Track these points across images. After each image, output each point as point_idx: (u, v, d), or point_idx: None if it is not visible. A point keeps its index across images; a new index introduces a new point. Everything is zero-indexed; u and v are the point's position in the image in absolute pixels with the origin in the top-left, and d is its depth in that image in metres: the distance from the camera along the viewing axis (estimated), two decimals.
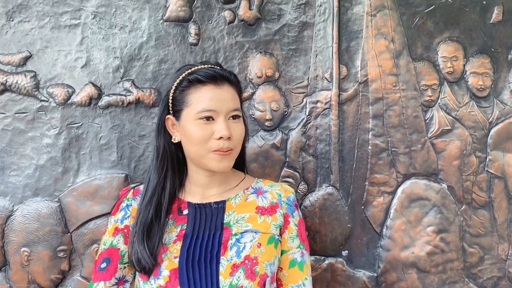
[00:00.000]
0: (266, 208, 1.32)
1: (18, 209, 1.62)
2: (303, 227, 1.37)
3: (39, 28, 1.63)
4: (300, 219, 1.36)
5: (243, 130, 1.30)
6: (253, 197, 1.34)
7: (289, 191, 1.37)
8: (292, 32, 1.69)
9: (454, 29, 1.72)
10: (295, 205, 1.36)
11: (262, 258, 1.23)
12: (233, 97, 1.27)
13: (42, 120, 1.63)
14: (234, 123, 1.26)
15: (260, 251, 1.24)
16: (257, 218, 1.29)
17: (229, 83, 1.28)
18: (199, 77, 1.24)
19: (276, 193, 1.36)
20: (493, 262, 1.73)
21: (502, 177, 1.73)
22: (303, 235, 1.35)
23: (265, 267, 1.22)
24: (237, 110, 1.27)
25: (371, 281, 1.71)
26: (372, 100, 1.70)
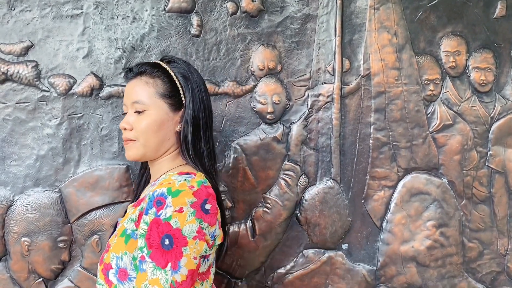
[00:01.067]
0: (139, 200, 1.26)
1: (19, 199, 1.61)
2: (159, 230, 1.11)
3: (41, 17, 1.62)
4: (156, 218, 1.12)
5: (147, 122, 1.24)
6: (148, 188, 1.31)
7: (165, 185, 1.16)
8: (295, 24, 1.68)
9: (457, 24, 1.72)
10: (157, 202, 1.13)
11: (112, 248, 1.20)
12: (136, 89, 1.27)
13: (43, 110, 1.62)
14: (137, 115, 1.26)
15: (113, 241, 1.22)
16: (130, 208, 1.28)
17: (139, 75, 1.28)
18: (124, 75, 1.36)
19: (156, 185, 1.22)
20: (492, 257, 1.74)
21: (502, 172, 1.74)
22: (154, 239, 1.11)
23: (111, 258, 1.18)
24: (136, 102, 1.25)
25: (371, 275, 1.71)
26: (374, 94, 1.69)
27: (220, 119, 1.67)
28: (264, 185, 1.68)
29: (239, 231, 1.67)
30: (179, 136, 1.28)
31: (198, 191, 1.16)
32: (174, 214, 1.11)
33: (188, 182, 1.17)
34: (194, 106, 1.27)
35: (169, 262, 1.10)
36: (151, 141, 1.25)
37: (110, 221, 1.61)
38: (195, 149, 1.27)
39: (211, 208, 1.17)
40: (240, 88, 1.67)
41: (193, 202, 1.14)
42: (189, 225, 1.12)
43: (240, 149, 1.67)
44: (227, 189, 1.67)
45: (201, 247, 1.14)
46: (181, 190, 1.14)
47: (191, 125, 1.26)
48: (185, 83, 1.27)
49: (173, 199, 1.12)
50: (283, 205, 1.68)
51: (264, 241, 1.68)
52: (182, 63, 1.31)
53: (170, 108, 1.26)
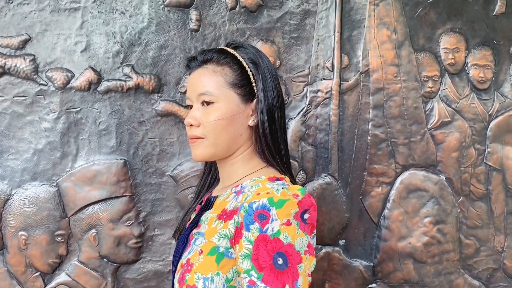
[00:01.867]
0: (228, 212, 1.06)
1: (16, 193, 1.61)
2: (268, 248, 0.97)
3: (39, 11, 1.61)
4: (262, 235, 0.97)
5: (217, 116, 1.08)
6: (232, 197, 1.10)
7: (263, 195, 1.00)
8: (294, 20, 1.67)
9: (456, 21, 1.71)
10: (259, 215, 0.98)
11: (197, 268, 1.03)
12: (202, 80, 1.11)
13: (41, 104, 1.62)
14: (204, 109, 1.10)
15: (198, 259, 1.04)
16: (214, 221, 1.08)
17: (205, 63, 1.13)
18: (187, 65, 1.19)
19: (247, 195, 1.04)
20: (489, 254, 1.75)
21: (500, 170, 1.74)
22: (264, 260, 0.97)
23: (196, 279, 1.02)
24: (203, 94, 1.10)
25: (368, 271, 1.72)
26: (373, 90, 1.69)
27: None
28: None
29: None
30: (251, 131, 1.12)
31: (302, 201, 1.01)
32: (283, 228, 0.97)
33: (287, 191, 1.01)
34: (268, 95, 1.11)
35: (287, 284, 0.96)
36: (222, 138, 1.09)
37: (108, 216, 1.61)
38: (274, 144, 1.12)
39: (309, 218, 1.02)
40: None
41: (296, 212, 0.99)
42: (300, 239, 0.98)
43: None
44: None
45: (311, 263, 1.02)
46: (285, 199, 0.99)
47: (266, 117, 1.10)
48: (256, 70, 1.11)
49: (278, 211, 0.97)
50: None
51: None
52: (250, 48, 1.15)
53: (241, 99, 1.10)
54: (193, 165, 1.65)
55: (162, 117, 1.65)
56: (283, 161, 1.14)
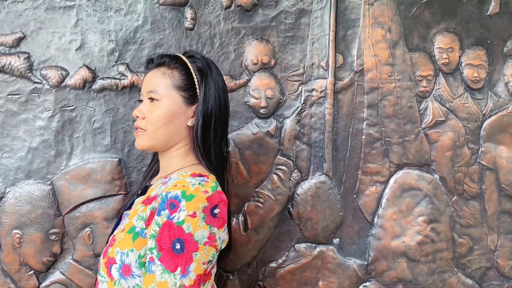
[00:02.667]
0: (150, 198, 1.22)
1: (10, 191, 1.61)
2: (171, 234, 1.11)
3: (33, 9, 1.61)
4: (168, 221, 1.11)
5: (158, 112, 1.24)
6: (159, 186, 1.25)
7: (179, 187, 1.15)
8: (289, 19, 1.68)
9: (451, 20, 1.72)
10: (170, 204, 1.12)
11: (117, 243, 1.18)
12: (153, 79, 1.27)
13: (35, 102, 1.61)
14: (150, 105, 1.26)
15: (119, 236, 1.20)
16: (138, 204, 1.24)
17: (159, 66, 1.30)
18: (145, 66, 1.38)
19: (169, 185, 1.20)
20: (482, 253, 1.76)
21: (493, 169, 1.75)
22: (165, 242, 1.10)
23: (115, 252, 1.17)
24: (151, 92, 1.26)
25: (361, 269, 1.72)
26: (367, 89, 1.70)
27: None
28: (257, 180, 1.69)
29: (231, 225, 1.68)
30: (191, 131, 1.27)
31: (211, 197, 1.16)
32: (187, 218, 1.11)
33: (202, 187, 1.16)
34: (208, 101, 1.26)
35: (179, 266, 1.10)
36: (160, 133, 1.25)
37: (102, 214, 1.61)
38: (204, 145, 1.26)
39: (220, 213, 1.16)
40: (234, 82, 1.67)
41: (205, 207, 1.13)
42: (201, 231, 1.12)
43: (233, 143, 1.67)
44: None
45: (209, 253, 1.14)
46: (195, 194, 1.14)
47: (202, 120, 1.25)
48: (201, 78, 1.26)
49: (187, 203, 1.12)
50: (276, 200, 1.69)
51: (256, 235, 1.69)
52: (202, 59, 1.30)
53: (184, 101, 1.26)
54: None
55: None
56: (211, 161, 1.26)
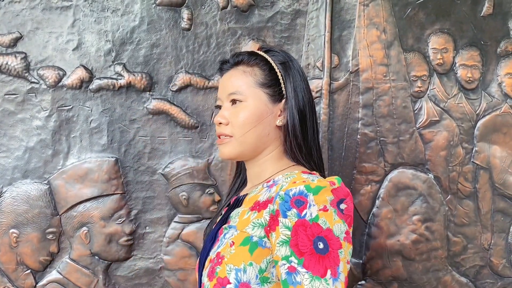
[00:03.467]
0: (261, 203, 1.06)
1: (7, 191, 1.61)
2: (308, 233, 0.96)
3: (30, 9, 1.61)
4: (300, 220, 0.97)
5: (245, 114, 1.12)
6: (264, 190, 1.10)
7: (299, 183, 1.01)
8: (285, 19, 1.69)
9: (445, 21, 1.74)
10: (296, 201, 0.99)
11: (228, 260, 1.02)
12: (233, 80, 1.16)
13: (32, 102, 1.62)
14: (233, 108, 1.15)
15: (229, 251, 1.03)
16: (246, 213, 1.08)
17: (236, 65, 1.18)
18: (219, 68, 1.25)
19: (281, 185, 1.05)
20: (476, 251, 1.77)
21: (487, 168, 1.77)
22: (305, 244, 0.96)
23: (227, 270, 1.01)
24: (233, 93, 1.14)
25: (357, 268, 1.74)
26: (363, 89, 1.71)
27: (209, 113, 1.67)
28: None
29: None
30: (279, 131, 1.15)
31: (338, 189, 1.03)
32: (320, 213, 0.97)
33: (323, 180, 1.03)
34: (298, 96, 1.14)
35: (328, 269, 0.94)
36: (249, 136, 1.12)
37: (99, 213, 1.62)
38: (305, 145, 1.14)
39: (346, 209, 1.03)
40: None
41: (331, 200, 1.00)
42: (338, 225, 0.99)
43: None
44: (216, 182, 1.68)
45: (348, 250, 1.00)
46: (322, 186, 1.00)
47: (297, 117, 1.12)
48: (285, 71, 1.15)
49: (315, 197, 0.98)
50: None
51: None
52: (280, 51, 1.20)
53: (269, 98, 1.14)
54: (184, 163, 1.66)
55: (154, 116, 1.65)
56: (314, 161, 1.15)
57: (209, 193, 1.68)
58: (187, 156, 1.67)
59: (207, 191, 1.67)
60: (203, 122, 1.67)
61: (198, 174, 1.67)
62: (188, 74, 1.66)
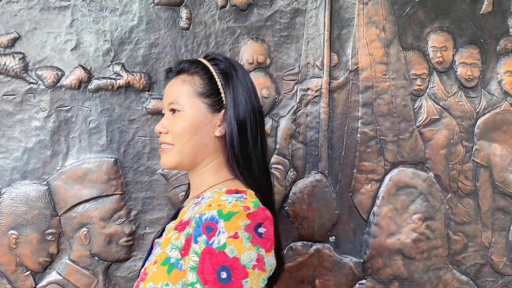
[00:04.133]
0: (183, 223, 1.06)
1: (6, 192, 1.60)
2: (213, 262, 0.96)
3: (28, 9, 1.60)
4: (208, 248, 0.96)
5: (182, 124, 1.11)
6: (191, 208, 1.10)
7: (214, 207, 1.00)
8: (284, 18, 1.68)
9: (444, 19, 1.73)
10: (206, 227, 0.97)
11: (150, 277, 1.04)
12: (173, 89, 1.15)
13: (31, 102, 1.61)
14: (172, 117, 1.13)
15: (152, 269, 1.05)
16: (171, 231, 1.09)
17: (178, 74, 1.17)
18: (165, 77, 1.23)
19: (202, 205, 1.05)
20: (477, 250, 1.77)
21: (487, 167, 1.76)
22: (209, 273, 0.95)
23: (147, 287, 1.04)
24: (172, 103, 1.13)
25: (358, 267, 1.73)
26: (362, 88, 1.71)
27: None
28: None
29: None
30: (219, 142, 1.13)
31: (253, 214, 1.00)
32: (229, 241, 0.96)
33: (241, 203, 1.01)
34: (238, 106, 1.11)
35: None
36: (187, 146, 1.11)
37: (99, 214, 1.61)
38: (244, 156, 1.11)
39: (266, 232, 1.00)
40: None
41: (247, 225, 0.98)
42: (248, 253, 0.96)
43: None
44: None
45: (260, 278, 0.98)
46: (235, 212, 0.98)
47: (236, 128, 1.10)
48: (226, 81, 1.13)
49: (226, 223, 0.96)
50: None
51: None
52: (225, 60, 1.16)
53: (208, 108, 1.12)
54: None
55: (153, 115, 1.65)
56: (252, 174, 1.12)
57: None
58: None
59: None
60: None
61: None
62: None
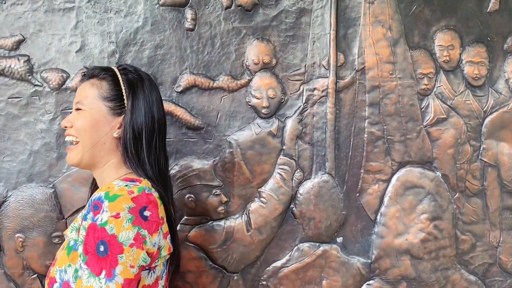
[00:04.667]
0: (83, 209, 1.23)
1: (12, 195, 1.60)
2: (95, 236, 1.08)
3: (32, 11, 1.60)
4: (92, 224, 1.10)
5: (81, 122, 1.24)
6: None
7: (104, 189, 1.14)
8: (290, 18, 1.67)
9: (451, 18, 1.72)
10: (94, 206, 1.11)
11: (57, 262, 1.19)
12: (81, 90, 1.28)
13: (36, 105, 1.61)
14: (77, 114, 1.26)
15: (59, 254, 1.21)
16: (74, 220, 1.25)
17: (90, 77, 1.30)
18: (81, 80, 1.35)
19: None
20: (485, 249, 1.76)
21: (495, 166, 1.75)
22: (90, 245, 1.08)
23: (55, 271, 1.18)
24: (78, 102, 1.27)
25: (365, 268, 1.72)
26: (369, 88, 1.70)
27: (215, 114, 1.66)
28: (260, 180, 1.69)
29: (234, 226, 1.68)
30: (118, 142, 1.25)
31: (137, 197, 1.13)
32: (110, 219, 1.08)
33: (128, 187, 1.14)
34: (137, 114, 1.25)
35: (104, 270, 1.06)
36: (86, 143, 1.24)
37: None
38: (138, 157, 1.24)
39: (151, 215, 1.14)
40: (235, 83, 1.66)
41: (131, 207, 1.11)
42: (126, 232, 1.08)
43: (235, 143, 1.67)
44: (223, 184, 1.67)
45: (138, 256, 1.10)
46: (119, 194, 1.11)
47: (131, 132, 1.23)
48: (130, 89, 1.26)
49: (110, 204, 1.10)
50: (279, 199, 1.69)
51: (259, 235, 1.69)
52: (135, 71, 1.30)
53: (109, 111, 1.25)
54: (190, 165, 1.65)
55: None
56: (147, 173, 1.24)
57: (216, 194, 1.66)
58: (193, 158, 1.66)
59: (213, 192, 1.66)
60: (208, 123, 1.66)
61: (205, 175, 1.65)
62: (192, 74, 1.65)
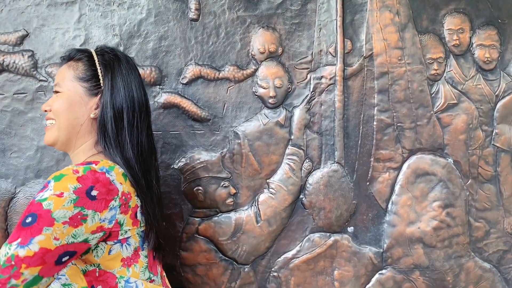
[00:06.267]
0: None
1: (21, 191, 1.60)
2: (28, 209, 1.09)
3: (35, 5, 1.59)
4: (32, 200, 1.11)
5: (58, 103, 1.25)
6: None
7: (59, 172, 1.13)
8: (295, 5, 1.64)
9: (460, 0, 1.69)
10: (43, 187, 1.12)
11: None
12: (59, 73, 1.30)
13: (42, 100, 1.60)
14: (55, 97, 1.28)
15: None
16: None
17: (68, 60, 1.30)
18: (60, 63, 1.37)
19: None
20: (499, 236, 1.73)
21: (508, 151, 1.72)
22: (20, 219, 1.09)
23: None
24: (55, 85, 1.29)
25: (377, 257, 1.71)
26: (378, 74, 1.67)
27: (221, 105, 1.64)
28: (268, 170, 1.67)
29: (244, 217, 1.66)
30: (94, 123, 1.25)
31: (83, 177, 1.11)
32: (51, 197, 1.08)
33: (74, 167, 1.14)
34: (115, 94, 1.24)
35: (20, 238, 1.04)
36: (63, 124, 1.25)
37: None
38: (115, 139, 1.23)
39: (99, 194, 1.11)
40: (241, 73, 1.64)
41: (77, 188, 1.10)
42: (63, 211, 1.07)
43: (243, 134, 1.65)
44: (231, 175, 1.65)
45: (69, 232, 1.07)
46: (64, 174, 1.11)
47: (111, 112, 1.23)
48: (106, 70, 1.26)
49: (55, 183, 1.10)
50: (288, 190, 1.67)
51: (269, 226, 1.67)
52: (111, 52, 1.30)
53: (86, 92, 1.26)
54: (198, 157, 1.63)
55: (165, 109, 1.63)
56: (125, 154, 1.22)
57: (224, 186, 1.65)
58: (201, 150, 1.64)
59: (222, 184, 1.65)
60: (215, 115, 1.64)
61: (213, 167, 1.64)
62: (198, 65, 1.63)
